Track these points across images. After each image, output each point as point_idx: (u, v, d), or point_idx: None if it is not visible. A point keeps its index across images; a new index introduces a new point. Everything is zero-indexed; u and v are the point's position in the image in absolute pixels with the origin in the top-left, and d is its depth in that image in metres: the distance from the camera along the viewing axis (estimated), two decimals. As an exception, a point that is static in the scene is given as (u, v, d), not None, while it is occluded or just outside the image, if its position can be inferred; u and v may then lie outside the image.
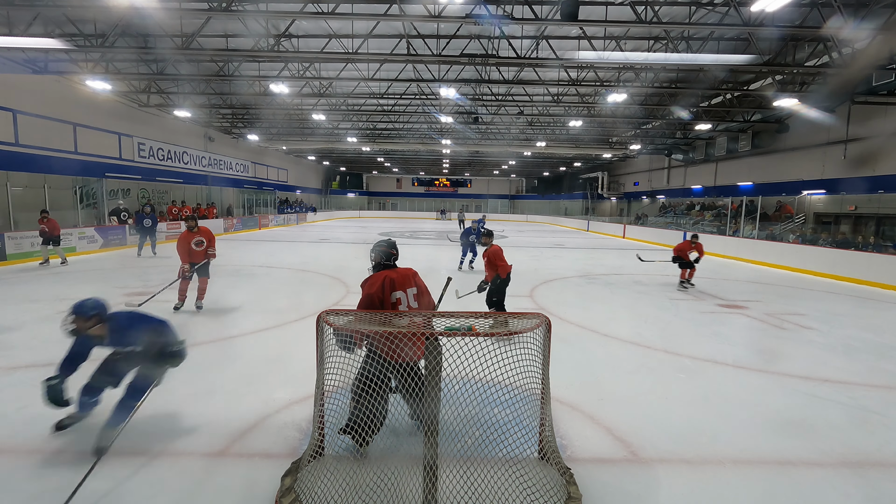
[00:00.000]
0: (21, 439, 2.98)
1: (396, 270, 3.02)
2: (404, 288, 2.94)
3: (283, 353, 4.70)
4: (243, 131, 22.83)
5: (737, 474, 2.77)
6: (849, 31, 8.50)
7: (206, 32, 10.75)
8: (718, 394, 3.95)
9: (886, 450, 3.10)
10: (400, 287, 2.92)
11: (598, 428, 3.27)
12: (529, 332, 2.52)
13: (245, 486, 2.54)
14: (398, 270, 3.03)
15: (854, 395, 3.97)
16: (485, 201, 46.45)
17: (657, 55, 11.30)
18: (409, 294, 2.95)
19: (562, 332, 5.16)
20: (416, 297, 3.01)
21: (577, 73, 14.00)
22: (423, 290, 3.10)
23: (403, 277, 2.97)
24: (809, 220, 15.03)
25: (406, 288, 2.95)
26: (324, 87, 15.20)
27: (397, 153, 31.87)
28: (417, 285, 3.04)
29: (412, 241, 18.96)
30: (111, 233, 13.38)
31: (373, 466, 2.57)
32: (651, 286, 9.13)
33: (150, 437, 3.02)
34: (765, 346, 5.56)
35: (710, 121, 17.00)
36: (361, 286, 2.97)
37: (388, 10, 9.01)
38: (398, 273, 2.99)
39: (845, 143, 13.78)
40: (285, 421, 3.26)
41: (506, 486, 2.44)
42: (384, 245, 3.13)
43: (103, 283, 8.32)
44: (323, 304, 6.93)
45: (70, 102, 13.77)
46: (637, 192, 29.42)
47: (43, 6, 8.89)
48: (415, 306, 2.98)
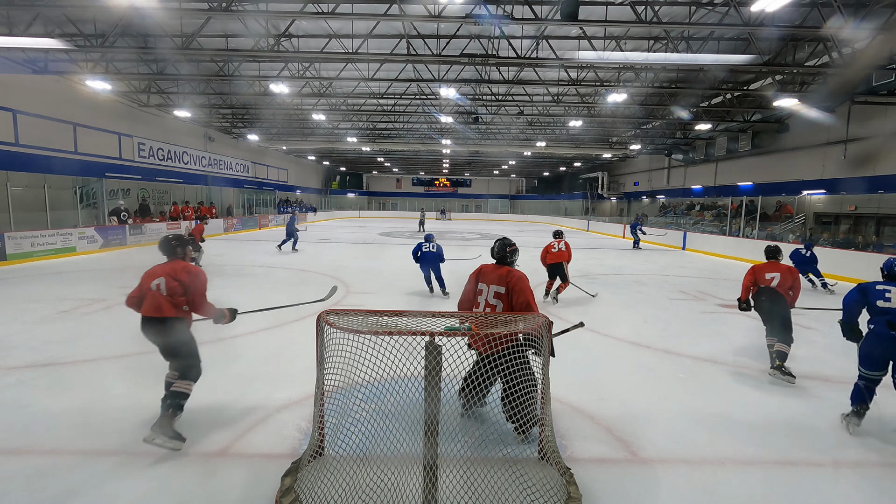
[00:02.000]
0: (21, 439, 2.97)
1: (492, 265, 3.27)
2: (487, 282, 3.15)
3: (283, 353, 4.70)
4: (243, 131, 22.83)
5: (737, 474, 2.77)
6: (849, 31, 8.50)
7: (206, 32, 10.75)
8: (718, 394, 3.95)
9: (886, 450, 3.10)
10: (483, 280, 3.19)
11: (598, 428, 3.27)
12: (529, 332, 2.52)
13: (245, 486, 2.54)
14: (492, 266, 3.27)
15: (854, 395, 3.96)
16: (485, 201, 46.46)
17: (657, 55, 11.30)
18: (490, 289, 3.12)
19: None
20: (500, 296, 3.08)
21: (577, 73, 14.00)
22: (516, 290, 3.05)
23: (491, 272, 3.20)
24: (809, 220, 15.04)
25: (489, 283, 3.14)
26: (324, 87, 15.20)
27: (397, 153, 31.88)
28: (508, 284, 3.08)
29: (412, 241, 18.95)
30: (111, 233, 13.38)
31: (373, 466, 2.56)
32: (651, 286, 9.13)
33: (150, 437, 3.01)
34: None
35: (710, 121, 17.00)
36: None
37: (388, 10, 9.01)
38: (491, 268, 3.23)
39: (845, 143, 13.78)
40: (285, 421, 3.26)
41: (506, 486, 2.44)
42: (496, 242, 3.38)
43: (103, 282, 8.31)
44: (323, 303, 6.91)
45: (70, 102, 13.76)
46: (637, 192, 29.42)
47: (43, 6, 8.90)
48: (493, 303, 3.10)
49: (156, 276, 3.04)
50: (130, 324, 5.60)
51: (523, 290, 3.04)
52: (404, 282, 9.14)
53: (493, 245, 3.37)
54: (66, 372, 4.10)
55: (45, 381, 3.88)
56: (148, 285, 3.03)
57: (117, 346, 4.79)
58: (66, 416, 3.29)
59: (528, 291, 3.05)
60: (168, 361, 3.12)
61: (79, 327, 5.46)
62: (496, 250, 3.32)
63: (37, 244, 10.90)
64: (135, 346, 4.81)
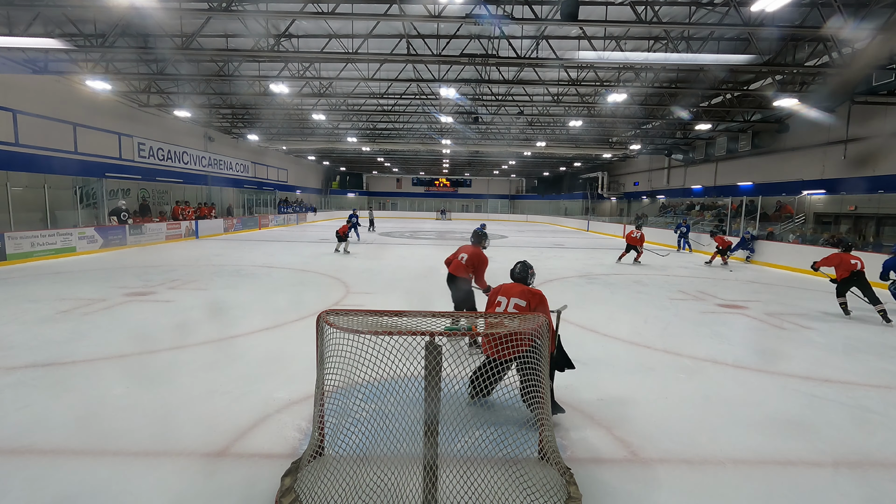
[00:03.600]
0: (21, 439, 2.97)
1: (513, 283, 3.60)
2: (508, 295, 3.44)
3: (283, 353, 4.70)
4: (243, 131, 22.83)
5: (737, 474, 2.77)
6: (849, 31, 8.49)
7: (206, 32, 10.76)
8: (718, 394, 3.95)
9: (886, 450, 3.10)
10: (504, 294, 3.48)
11: (598, 428, 3.27)
12: (529, 332, 2.52)
13: (245, 486, 2.54)
14: (513, 283, 3.60)
15: (854, 395, 3.97)
16: (485, 201, 46.47)
17: (657, 55, 11.31)
18: (511, 301, 3.40)
19: (562, 333, 5.15)
20: (520, 308, 3.35)
21: (577, 73, 14.00)
22: (540, 307, 3.35)
23: (513, 287, 3.52)
24: (809, 220, 15.04)
25: (511, 296, 3.42)
26: (324, 87, 15.20)
27: (397, 153, 31.88)
28: (532, 300, 3.37)
29: (412, 241, 18.96)
30: (111, 233, 13.38)
31: (373, 466, 2.57)
32: (651, 286, 9.13)
33: (151, 437, 3.02)
34: (765, 346, 5.56)
35: (710, 121, 17.00)
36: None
37: (388, 10, 9.01)
38: (513, 285, 3.56)
39: (845, 143, 13.78)
40: (285, 421, 3.25)
41: (506, 486, 2.44)
42: (518, 264, 3.72)
43: (103, 282, 8.31)
44: (323, 304, 6.92)
45: (70, 102, 13.76)
46: (637, 192, 29.42)
47: (43, 6, 8.89)
48: (512, 311, 3.35)
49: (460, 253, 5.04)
50: (130, 324, 5.65)
51: (546, 308, 3.37)
52: (404, 282, 9.14)
53: (515, 266, 3.69)
54: (66, 372, 4.10)
55: (45, 381, 3.88)
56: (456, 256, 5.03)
57: (117, 346, 4.80)
58: (66, 416, 3.28)
59: (548, 310, 3.36)
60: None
61: (79, 327, 5.45)
62: (518, 272, 3.65)
63: (37, 244, 10.90)
64: (135, 346, 4.84)
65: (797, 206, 15.54)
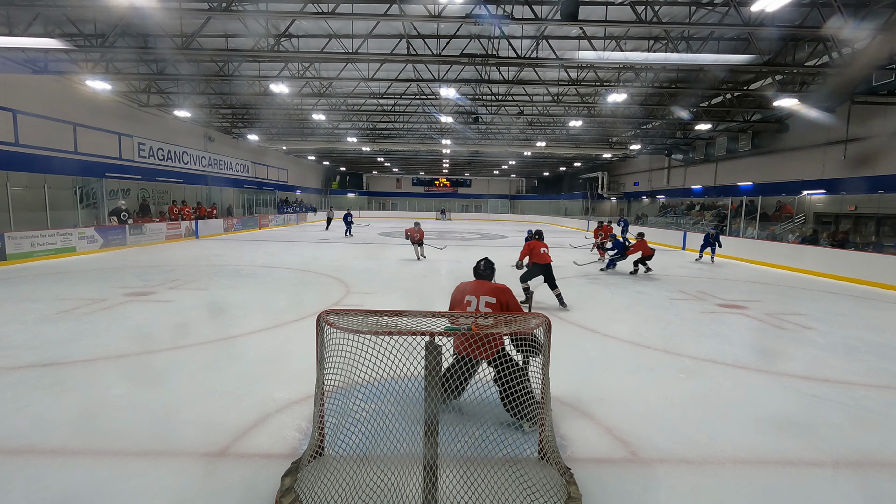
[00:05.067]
0: (21, 439, 2.97)
1: (476, 281, 3.59)
2: (477, 294, 3.42)
3: (283, 353, 4.70)
4: (243, 131, 22.83)
5: (737, 474, 2.77)
6: (849, 31, 8.50)
7: (206, 32, 10.75)
8: (718, 394, 3.95)
9: (886, 450, 3.09)
10: (472, 293, 3.44)
11: (598, 428, 3.27)
12: (529, 332, 2.52)
13: (245, 486, 2.54)
14: (476, 281, 3.58)
15: (854, 395, 3.97)
16: (485, 201, 46.47)
17: (657, 55, 11.31)
18: (481, 300, 3.39)
19: (562, 333, 5.16)
20: (491, 305, 3.36)
21: (577, 73, 14.00)
22: (511, 302, 3.42)
23: (481, 285, 3.50)
24: (809, 220, 15.03)
25: (480, 294, 3.41)
26: (324, 87, 15.20)
27: (397, 153, 31.88)
28: (501, 296, 3.41)
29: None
30: (111, 233, 13.38)
31: (373, 466, 2.56)
32: (651, 286, 9.13)
33: (151, 437, 3.02)
34: (765, 346, 5.55)
35: (710, 121, 17.00)
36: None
37: (388, 10, 9.01)
38: (477, 283, 3.55)
39: (845, 143, 13.78)
40: (285, 421, 3.25)
41: (506, 486, 2.44)
42: (482, 261, 3.74)
43: (103, 282, 8.31)
44: (323, 304, 6.92)
45: (70, 102, 13.76)
46: (637, 192, 29.42)
47: (43, 6, 8.89)
48: (484, 311, 3.34)
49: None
50: (131, 324, 5.65)
51: (515, 302, 3.48)
52: (404, 282, 9.14)
53: (479, 263, 3.71)
54: (66, 372, 4.09)
55: (45, 381, 3.88)
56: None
57: (117, 346, 4.79)
58: (66, 416, 3.28)
59: (518, 303, 3.50)
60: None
61: (79, 327, 5.45)
62: (483, 268, 3.69)
63: (37, 244, 10.90)
64: (135, 346, 4.84)
65: (797, 206, 15.53)
